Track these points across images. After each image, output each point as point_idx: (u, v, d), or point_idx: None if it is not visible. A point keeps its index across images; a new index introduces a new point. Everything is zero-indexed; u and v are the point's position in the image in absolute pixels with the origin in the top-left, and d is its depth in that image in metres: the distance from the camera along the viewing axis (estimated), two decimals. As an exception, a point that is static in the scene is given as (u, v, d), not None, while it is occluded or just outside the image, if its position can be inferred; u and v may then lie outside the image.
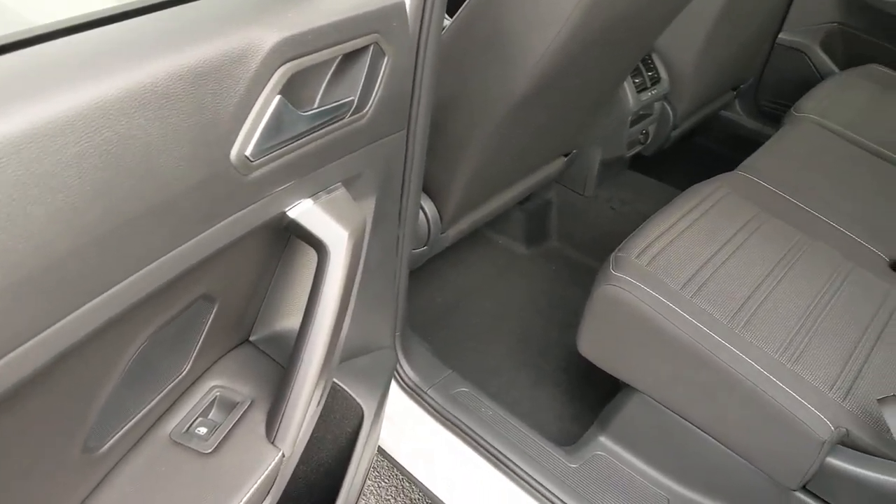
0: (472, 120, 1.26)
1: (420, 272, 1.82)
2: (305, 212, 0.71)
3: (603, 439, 1.28)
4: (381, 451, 1.41)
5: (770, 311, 1.16)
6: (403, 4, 0.74)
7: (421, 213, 1.41)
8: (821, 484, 1.04)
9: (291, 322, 0.87)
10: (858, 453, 1.01)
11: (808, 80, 2.08)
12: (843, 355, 1.11)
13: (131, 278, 0.55)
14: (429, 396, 1.31)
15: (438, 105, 1.27)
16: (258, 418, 0.79)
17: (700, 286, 1.18)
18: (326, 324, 0.72)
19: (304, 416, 0.74)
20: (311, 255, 0.84)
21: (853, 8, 2.18)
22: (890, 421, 0.95)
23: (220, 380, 0.81)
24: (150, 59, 0.52)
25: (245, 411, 0.79)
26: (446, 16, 1.70)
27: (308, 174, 0.70)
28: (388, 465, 1.43)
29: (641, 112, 1.84)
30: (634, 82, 1.75)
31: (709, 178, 1.49)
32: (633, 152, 1.91)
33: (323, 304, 0.71)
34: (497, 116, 1.23)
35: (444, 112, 1.29)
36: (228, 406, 0.79)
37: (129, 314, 0.58)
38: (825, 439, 0.99)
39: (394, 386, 1.32)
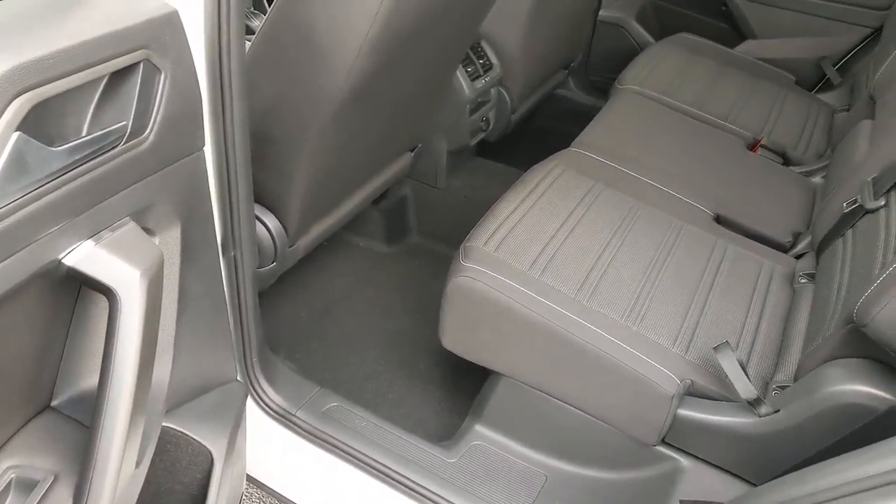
0: (299, 124, 1.21)
1: (280, 287, 1.74)
2: (86, 256, 0.63)
3: (478, 428, 1.29)
4: (253, 480, 1.34)
5: (613, 278, 1.21)
6: (175, 14, 0.67)
7: (263, 229, 1.34)
8: (677, 435, 1.10)
9: (97, 379, 0.79)
10: (705, 401, 1.08)
11: (630, 53, 2.20)
12: (681, 310, 1.18)
13: None
14: (297, 418, 1.25)
15: (260, 113, 1.21)
16: (64, 495, 0.70)
17: (546, 264, 1.21)
18: (128, 378, 0.64)
19: (116, 483, 0.66)
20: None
21: (661, -18, 2.33)
22: (725, 366, 1.02)
23: (16, 458, 0.71)
24: None
25: (47, 490, 0.70)
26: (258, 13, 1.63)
27: (82, 213, 0.62)
28: (262, 494, 1.36)
29: (479, 100, 1.87)
30: (467, 71, 1.76)
31: (553, 155, 1.54)
32: (477, 140, 1.94)
33: (120, 357, 0.64)
34: (324, 118, 1.19)
35: (267, 119, 1.23)
36: (27, 487, 0.70)
37: None
38: (673, 393, 1.05)
39: (260, 413, 1.26)
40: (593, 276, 1.21)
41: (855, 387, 0.90)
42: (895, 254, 0.90)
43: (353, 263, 1.89)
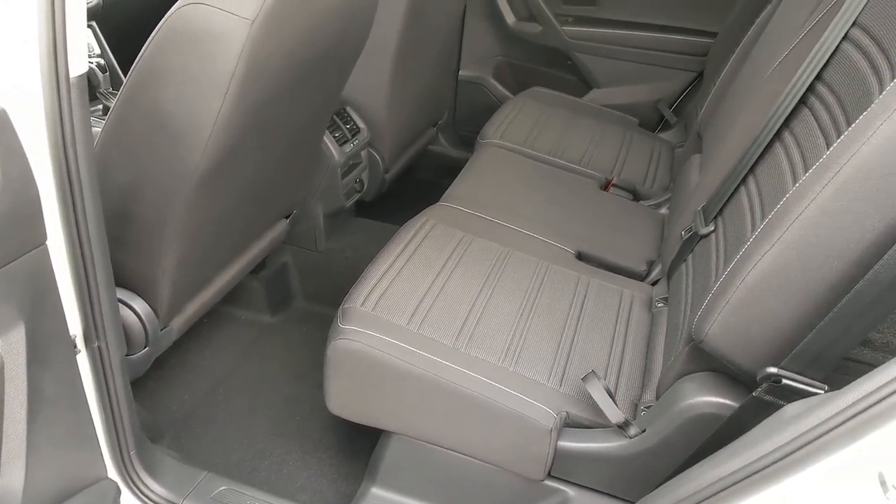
0: (161, 202, 1.20)
1: (159, 371, 1.67)
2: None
3: (375, 491, 1.28)
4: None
5: (488, 323, 1.27)
6: (3, 113, 0.67)
7: (130, 314, 1.29)
8: (562, 467, 1.15)
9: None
10: (582, 430, 1.14)
11: (492, 106, 2.34)
12: (553, 346, 1.25)
13: None
14: (184, 508, 1.20)
15: (119, 193, 1.19)
16: None
17: (424, 316, 1.25)
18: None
19: None
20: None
21: (511, 42, 2.52)
22: (594, 394, 1.09)
23: None
24: None
25: None
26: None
27: None
28: None
29: (351, 162, 1.92)
30: (334, 136, 1.81)
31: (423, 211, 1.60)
32: (353, 200, 1.98)
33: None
34: (185, 195, 1.18)
35: (127, 199, 1.21)
36: None
37: None
38: (551, 426, 1.10)
39: (142, 509, 1.19)
40: (469, 323, 1.26)
41: (704, 398, 0.98)
42: (722, 275, 1.01)
43: (237, 337, 1.85)
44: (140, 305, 1.31)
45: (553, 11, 2.40)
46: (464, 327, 1.24)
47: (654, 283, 1.50)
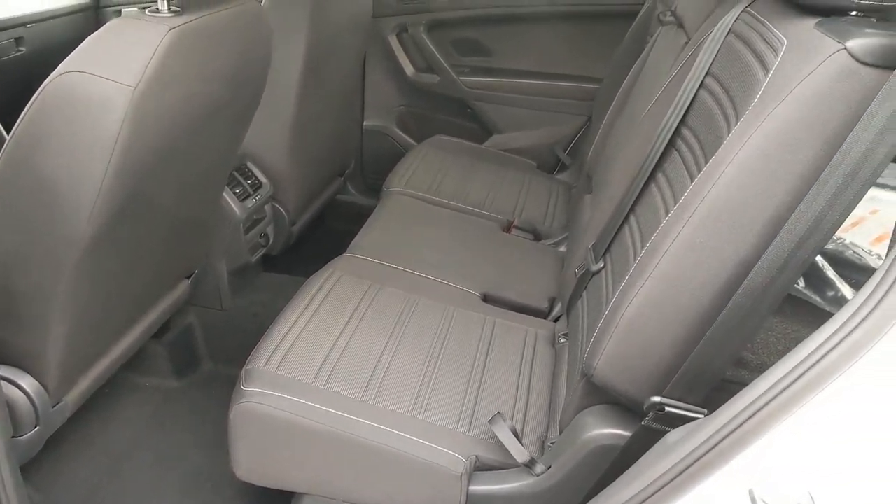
0: (46, 273, 1.15)
1: (55, 449, 1.56)
2: None
3: (290, 556, 1.24)
4: None
5: (397, 372, 1.27)
6: None
7: (17, 392, 1.22)
8: (476, 511, 1.16)
9: None
10: (493, 472, 1.15)
11: (397, 155, 2.39)
12: (461, 390, 1.27)
13: None
14: None
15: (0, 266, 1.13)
16: None
17: (331, 371, 1.24)
18: None
19: None
20: None
21: (412, 92, 2.59)
22: (500, 436, 1.11)
23: None
24: None
25: None
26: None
27: None
28: None
29: (255, 217, 1.90)
30: (235, 192, 1.79)
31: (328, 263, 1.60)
32: (258, 256, 1.95)
33: None
34: (72, 264, 1.14)
35: (9, 272, 1.15)
36: None
37: None
38: (461, 472, 1.11)
39: None
40: (378, 374, 1.26)
41: (601, 430, 1.02)
42: (607, 311, 1.07)
43: (141, 406, 1.76)
44: (28, 382, 1.24)
45: (450, 63, 2.50)
46: (372, 379, 1.24)
47: (556, 320, 1.56)
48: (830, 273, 1.36)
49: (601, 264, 1.30)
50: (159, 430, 1.71)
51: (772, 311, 0.87)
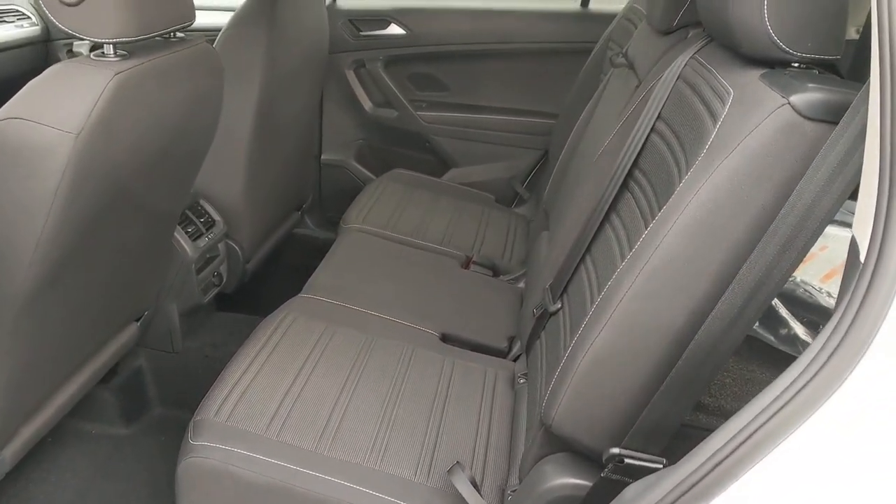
0: (-20, 328, 1.09)
1: (-10, 508, 1.48)
2: None
3: None
4: None
5: (353, 417, 1.24)
6: None
7: (-53, 452, 1.15)
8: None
9: None
10: (451, 522, 1.13)
11: (356, 188, 2.37)
12: (420, 435, 1.24)
13: None
14: None
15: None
16: None
17: (284, 420, 1.20)
18: None
19: None
20: None
21: (370, 126, 2.58)
22: (459, 487, 1.09)
23: None
24: None
25: None
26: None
27: None
28: None
29: (208, 255, 1.85)
30: (187, 231, 1.74)
31: (282, 305, 1.56)
32: (211, 295, 1.90)
33: None
34: (9, 317, 1.08)
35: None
36: None
37: None
38: (418, 526, 1.08)
39: None
40: (333, 421, 1.23)
41: (561, 480, 1.01)
42: (564, 358, 1.06)
43: (88, 455, 1.68)
44: (-42, 440, 1.17)
45: (408, 98, 2.50)
46: (327, 426, 1.21)
47: (515, 359, 1.55)
48: (783, 311, 1.38)
49: (558, 304, 1.30)
50: (106, 480, 1.63)
51: (727, 358, 0.87)
